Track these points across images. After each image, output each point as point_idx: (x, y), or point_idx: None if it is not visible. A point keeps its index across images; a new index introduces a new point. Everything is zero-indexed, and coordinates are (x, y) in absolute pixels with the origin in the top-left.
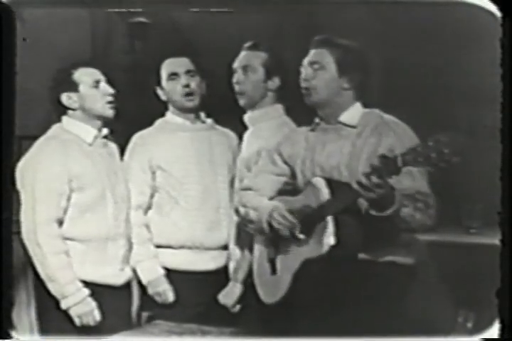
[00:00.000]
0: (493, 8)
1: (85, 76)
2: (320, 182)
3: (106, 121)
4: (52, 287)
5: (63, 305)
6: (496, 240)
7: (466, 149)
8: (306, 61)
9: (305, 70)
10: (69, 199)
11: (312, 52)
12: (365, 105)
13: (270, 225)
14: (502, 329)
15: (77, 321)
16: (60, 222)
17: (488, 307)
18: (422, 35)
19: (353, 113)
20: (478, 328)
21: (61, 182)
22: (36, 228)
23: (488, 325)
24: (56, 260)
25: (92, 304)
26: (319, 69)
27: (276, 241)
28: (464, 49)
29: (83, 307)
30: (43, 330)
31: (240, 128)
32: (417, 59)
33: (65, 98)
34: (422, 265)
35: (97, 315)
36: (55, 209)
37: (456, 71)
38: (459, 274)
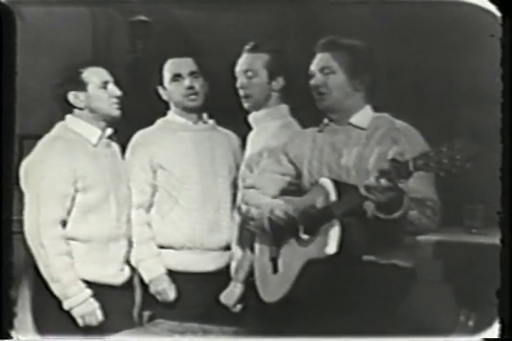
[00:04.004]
0: (493, 8)
1: (94, 76)
2: (327, 183)
3: (111, 121)
4: (55, 287)
5: (66, 305)
6: (497, 240)
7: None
8: (314, 66)
9: (315, 76)
10: (73, 199)
11: (319, 56)
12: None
13: (271, 222)
14: (502, 329)
15: (79, 321)
16: (64, 223)
17: (489, 307)
18: (422, 35)
19: (364, 115)
20: (479, 328)
21: (66, 183)
22: (40, 229)
23: (488, 324)
24: (59, 261)
25: (95, 304)
26: (330, 74)
27: (279, 240)
28: (464, 49)
29: (86, 308)
30: (43, 330)
31: (243, 129)
32: (417, 59)
33: (72, 97)
34: (422, 267)
35: (99, 315)
36: (59, 211)
37: (456, 71)
38: (461, 274)
